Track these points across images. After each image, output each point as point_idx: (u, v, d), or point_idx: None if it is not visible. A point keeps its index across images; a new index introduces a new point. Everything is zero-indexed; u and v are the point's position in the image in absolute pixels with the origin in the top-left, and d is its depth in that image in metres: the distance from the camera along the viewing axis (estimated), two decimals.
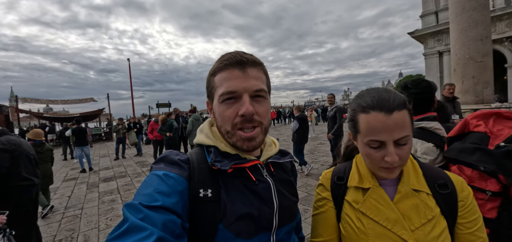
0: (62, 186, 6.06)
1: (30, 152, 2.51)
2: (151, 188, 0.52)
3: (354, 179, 0.75)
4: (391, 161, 0.60)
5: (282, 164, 0.74)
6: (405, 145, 0.62)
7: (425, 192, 0.67)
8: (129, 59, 22.75)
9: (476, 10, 8.24)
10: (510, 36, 11.57)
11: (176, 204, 0.51)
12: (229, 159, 0.61)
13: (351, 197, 0.74)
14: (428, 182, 0.68)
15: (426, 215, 0.64)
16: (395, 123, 0.60)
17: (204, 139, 0.67)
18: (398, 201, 0.67)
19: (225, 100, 0.60)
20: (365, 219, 0.69)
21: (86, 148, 7.56)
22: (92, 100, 20.92)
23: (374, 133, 0.62)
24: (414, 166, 0.71)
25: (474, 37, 8.31)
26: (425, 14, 14.63)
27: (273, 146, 0.74)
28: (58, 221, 3.94)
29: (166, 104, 21.85)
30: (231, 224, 0.56)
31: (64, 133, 10.17)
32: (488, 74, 8.47)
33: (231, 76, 0.60)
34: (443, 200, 0.66)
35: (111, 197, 4.95)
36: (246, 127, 0.60)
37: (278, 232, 0.63)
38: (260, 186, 0.62)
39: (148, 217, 0.46)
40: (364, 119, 0.64)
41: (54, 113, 22.67)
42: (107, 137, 18.28)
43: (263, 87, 0.62)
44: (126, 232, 0.43)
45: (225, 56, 0.62)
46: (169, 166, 0.58)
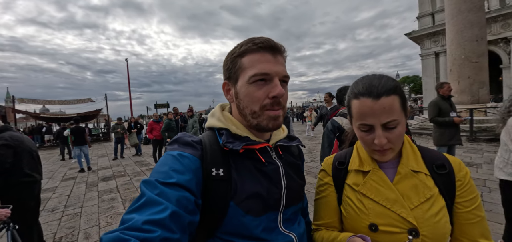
0: (61, 185, 6.03)
1: (32, 148, 2.53)
2: (167, 167, 0.55)
3: (355, 163, 0.78)
4: (379, 143, 0.64)
5: (290, 148, 0.78)
6: (394, 129, 0.65)
7: (424, 173, 0.69)
8: (126, 60, 22.67)
9: (471, 12, 8.38)
10: (505, 37, 11.74)
11: (189, 181, 0.54)
12: (240, 140, 0.64)
13: (352, 180, 0.77)
14: (426, 164, 0.71)
15: (424, 193, 0.67)
16: (382, 108, 0.63)
17: (216, 122, 0.70)
18: (398, 182, 0.70)
19: (256, 81, 0.62)
20: (365, 200, 0.72)
21: (85, 148, 7.54)
22: (90, 100, 20.82)
23: (363, 117, 0.66)
24: (413, 149, 0.74)
25: (469, 38, 8.44)
26: (421, 15, 14.79)
27: (282, 131, 0.77)
28: (58, 219, 3.94)
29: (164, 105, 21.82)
30: (241, 201, 0.59)
31: (61, 133, 10.12)
32: (484, 74, 8.61)
33: (264, 59, 0.62)
34: (441, 180, 0.68)
35: (111, 195, 4.95)
36: (274, 108, 0.63)
37: (285, 212, 0.67)
38: (269, 167, 0.66)
39: (163, 192, 0.49)
40: (355, 105, 0.68)
41: (51, 114, 22.52)
42: (105, 137, 18.21)
43: (288, 74, 0.67)
44: (143, 205, 0.47)
45: (257, 39, 0.64)
46: (183, 147, 0.61)
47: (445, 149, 3.88)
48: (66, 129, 9.80)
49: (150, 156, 8.79)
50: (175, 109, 8.87)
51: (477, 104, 8.40)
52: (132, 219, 0.44)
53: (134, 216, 0.45)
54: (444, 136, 3.84)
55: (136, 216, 0.45)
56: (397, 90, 0.65)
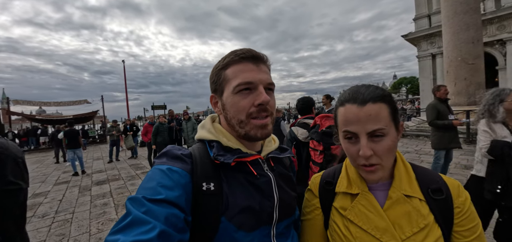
0: (54, 190, 5.92)
1: (18, 155, 2.44)
2: (154, 182, 0.52)
3: (343, 184, 0.71)
4: (363, 154, 0.58)
5: (281, 159, 0.76)
6: (382, 139, 0.59)
7: (418, 198, 0.62)
8: (123, 61, 22.54)
9: (467, 14, 8.40)
10: (501, 39, 11.81)
11: (179, 198, 0.52)
12: (231, 153, 0.63)
13: (339, 203, 0.70)
14: (421, 187, 0.64)
15: (418, 223, 0.59)
16: (367, 115, 0.58)
17: (206, 134, 0.68)
18: (389, 208, 0.63)
19: (241, 91, 0.62)
20: (352, 227, 0.65)
21: (79, 151, 7.43)
22: (86, 102, 20.66)
23: (347, 124, 0.62)
24: (406, 169, 0.66)
25: (465, 39, 8.47)
26: (418, 17, 14.85)
27: (273, 142, 0.76)
28: (48, 225, 3.84)
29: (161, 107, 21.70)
30: (233, 217, 0.57)
31: (56, 135, 9.99)
32: (480, 76, 8.63)
33: (247, 69, 0.63)
34: (437, 206, 0.61)
35: (104, 200, 4.85)
36: (260, 116, 0.63)
37: (278, 226, 0.65)
38: (261, 180, 0.64)
39: (151, 210, 0.47)
40: (341, 112, 0.64)
41: (47, 116, 22.28)
42: (101, 139, 18.04)
43: (273, 82, 0.67)
44: (129, 225, 0.44)
45: (238, 51, 0.65)
46: (172, 160, 0.59)
47: (444, 153, 3.85)
48: (60, 131, 9.68)
49: (145, 159, 8.70)
50: (170, 111, 8.77)
51: (474, 106, 8.40)
52: (117, 240, 0.42)
53: (119, 237, 0.42)
54: (443, 139, 3.80)
55: (121, 237, 0.42)
56: (385, 99, 0.61)
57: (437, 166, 3.88)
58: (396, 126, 0.62)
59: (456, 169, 5.00)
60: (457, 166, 5.22)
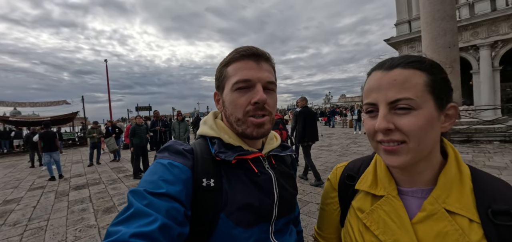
0: (27, 196, 5.56)
1: None
2: (156, 176, 0.53)
3: (366, 181, 0.60)
4: (378, 127, 0.47)
5: (283, 157, 0.76)
6: (408, 111, 0.45)
7: (468, 218, 0.46)
8: (106, 60, 21.78)
9: (444, 20, 8.84)
10: (474, 45, 12.53)
11: (179, 192, 0.53)
12: (232, 150, 0.63)
13: (358, 203, 0.60)
14: (478, 204, 0.47)
15: None
16: (392, 80, 0.46)
17: (208, 130, 0.68)
18: (419, 222, 0.49)
19: (239, 89, 0.62)
20: (367, 235, 0.54)
21: (56, 154, 7.04)
22: (65, 102, 19.71)
23: (368, 94, 0.50)
24: (461, 175, 0.49)
25: (443, 44, 8.90)
26: (399, 22, 15.47)
27: (274, 140, 0.76)
28: (20, 234, 3.59)
29: (146, 108, 21.12)
30: (232, 213, 0.58)
31: (31, 138, 9.43)
32: (456, 79, 9.09)
33: (246, 67, 0.62)
34: (499, 236, 0.43)
35: (82, 206, 4.61)
36: (257, 114, 0.62)
37: (277, 223, 0.65)
38: (261, 177, 0.64)
39: (152, 203, 0.47)
40: (367, 82, 0.53)
41: (21, 117, 20.99)
42: (81, 142, 17.25)
43: (274, 80, 0.66)
44: (131, 217, 0.44)
45: (240, 48, 0.64)
46: (174, 155, 0.59)
47: None
48: (35, 133, 9.14)
49: (128, 162, 8.38)
50: (155, 112, 8.53)
51: None
52: (119, 232, 0.41)
53: (120, 228, 0.42)
54: None
55: (123, 228, 0.42)
56: (424, 66, 0.47)
57: None
58: (438, 104, 0.47)
59: None
60: None
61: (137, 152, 6.51)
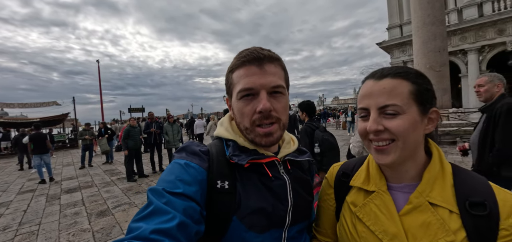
0: (17, 200, 5.41)
1: None
2: (173, 176, 0.55)
3: (359, 178, 0.66)
4: (369, 128, 0.53)
5: (299, 162, 0.74)
6: (395, 116, 0.52)
7: (448, 209, 0.51)
8: (98, 61, 21.41)
9: (434, 25, 9.09)
10: (463, 49, 12.90)
11: (195, 193, 0.54)
12: (246, 153, 0.63)
13: (352, 198, 0.66)
14: (458, 196, 0.52)
15: (437, 237, 0.50)
16: (382, 88, 0.54)
17: (224, 132, 0.69)
18: (406, 214, 0.54)
19: (244, 97, 0.61)
20: (360, 226, 0.60)
21: (46, 156, 6.88)
22: (55, 104, 19.27)
23: (361, 100, 0.58)
24: (443, 172, 0.56)
25: (433, 49, 9.14)
26: (391, 27, 15.79)
27: (291, 144, 0.74)
28: (11, 239, 3.50)
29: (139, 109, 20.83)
30: (244, 217, 0.58)
31: (20, 139, 9.18)
32: (446, 82, 9.35)
33: (249, 73, 0.60)
34: (474, 224, 0.49)
35: (75, 209, 4.53)
36: (264, 123, 0.61)
37: (290, 230, 0.64)
38: (275, 182, 0.63)
39: (170, 202, 0.49)
40: (361, 89, 0.60)
41: (10, 118, 20.40)
42: (72, 144, 16.88)
43: (281, 83, 0.63)
44: (151, 214, 0.46)
45: (243, 53, 0.63)
46: (190, 156, 0.61)
47: None
48: (25, 135, 8.91)
49: (121, 164, 8.26)
50: (150, 114, 8.44)
51: (441, 109, 9.08)
52: (140, 228, 0.43)
53: (141, 224, 0.44)
54: None
55: (144, 225, 0.44)
56: (410, 76, 0.54)
57: None
58: (421, 109, 0.54)
59: None
60: None
61: (130, 154, 6.43)
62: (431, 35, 9.10)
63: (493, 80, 2.26)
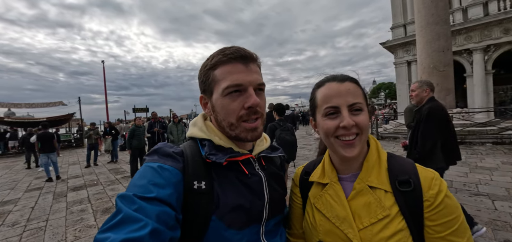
0: (24, 197, 5.55)
1: None
2: (145, 180, 0.52)
3: (316, 174, 0.74)
4: (347, 123, 0.60)
5: (272, 158, 0.76)
6: (360, 112, 0.62)
7: (383, 189, 0.61)
8: (103, 61, 21.69)
9: (438, 24, 9.02)
10: (468, 49, 12.76)
11: (170, 196, 0.52)
12: (223, 152, 0.63)
13: (312, 192, 0.73)
14: (390, 178, 0.62)
15: (376, 214, 0.59)
16: (347, 89, 0.62)
17: (198, 132, 0.68)
18: (352, 198, 0.64)
19: (230, 93, 0.61)
20: (318, 215, 0.68)
21: (53, 155, 7.02)
22: (61, 104, 19.54)
23: (329, 99, 0.64)
24: (379, 160, 0.66)
25: (437, 48, 9.08)
26: (394, 26, 15.69)
27: (264, 141, 0.76)
28: (19, 235, 3.60)
29: (143, 109, 21.03)
30: (223, 215, 0.58)
31: (27, 139, 9.37)
32: (450, 82, 9.27)
33: (236, 70, 0.61)
34: (404, 199, 0.59)
35: (81, 206, 4.63)
36: (251, 118, 0.62)
37: (268, 224, 0.66)
38: (252, 179, 0.65)
39: (142, 208, 0.46)
40: (321, 91, 0.67)
41: (17, 118, 20.77)
42: (78, 144, 17.14)
43: (263, 81, 0.66)
44: (120, 223, 0.43)
45: (227, 50, 0.63)
46: (164, 158, 0.58)
47: None
48: (32, 134, 9.10)
49: (126, 163, 8.39)
50: (154, 114, 8.55)
51: None
52: (108, 238, 0.41)
53: (109, 235, 0.41)
54: None
55: (112, 235, 0.41)
56: (358, 83, 0.66)
57: None
58: (367, 108, 0.66)
59: None
60: None
61: (134, 153, 6.53)
62: (435, 34, 9.03)
63: (422, 86, 2.67)
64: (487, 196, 3.68)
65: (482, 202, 3.49)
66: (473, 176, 4.68)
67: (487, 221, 2.93)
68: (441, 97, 9.11)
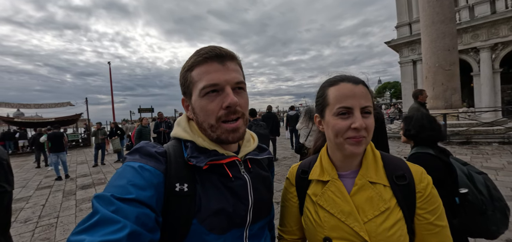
0: (36, 195, 5.72)
1: (2, 157, 2.41)
2: (125, 180, 0.49)
3: (316, 172, 0.76)
4: (359, 125, 0.62)
5: (259, 160, 0.74)
6: (369, 115, 0.65)
7: (382, 184, 0.67)
8: (109, 62, 22.03)
9: (443, 23, 8.94)
10: (475, 47, 12.60)
11: (150, 198, 0.50)
12: (206, 155, 0.61)
13: (312, 190, 0.75)
14: (387, 174, 0.68)
15: (379, 207, 0.64)
16: (361, 92, 0.65)
17: (182, 132, 0.65)
18: (354, 193, 0.68)
19: (208, 94, 0.59)
20: (321, 212, 0.70)
21: (62, 154, 7.21)
22: (69, 104, 19.95)
23: (344, 100, 0.65)
24: (375, 158, 0.71)
25: (442, 47, 8.99)
26: (400, 25, 15.56)
27: (252, 141, 0.74)
28: (32, 230, 3.74)
29: (149, 109, 21.28)
30: (205, 219, 0.56)
31: (37, 138, 9.62)
32: (456, 81, 9.18)
33: (211, 69, 0.59)
34: (401, 192, 0.66)
35: (89, 204, 4.74)
36: (230, 119, 0.60)
37: (252, 228, 0.65)
38: (236, 182, 0.62)
39: (120, 209, 0.44)
40: (334, 90, 0.68)
41: (26, 118, 21.26)
42: (85, 143, 17.46)
43: (243, 80, 0.64)
44: (96, 225, 0.41)
45: (202, 50, 0.61)
46: (145, 158, 0.56)
47: None
48: (42, 134, 9.33)
49: None
50: (160, 114, 8.68)
51: (450, 109, 8.92)
52: (82, 241, 0.39)
53: (84, 237, 0.39)
54: None
55: (87, 237, 0.39)
56: (369, 87, 0.70)
57: None
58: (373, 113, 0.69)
59: None
60: None
61: None
62: (440, 33, 8.95)
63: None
64: None
65: None
66: None
67: None
68: (447, 97, 9.04)
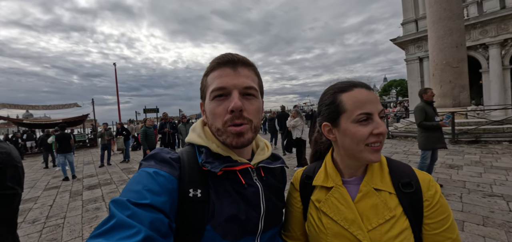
0: (43, 195, 5.82)
1: (17, 160, 2.44)
2: (140, 185, 0.51)
3: (320, 178, 0.75)
4: (383, 130, 0.61)
5: (272, 169, 0.74)
6: (383, 119, 0.65)
7: (388, 191, 0.65)
8: (115, 63, 22.27)
9: (451, 19, 8.75)
10: (484, 43, 12.31)
11: (164, 203, 0.51)
12: (220, 160, 0.61)
13: (316, 196, 0.74)
14: (393, 181, 0.66)
15: (384, 215, 0.62)
16: (375, 97, 0.65)
17: (196, 138, 0.67)
18: (359, 201, 0.66)
19: (216, 97, 0.61)
20: (325, 218, 0.69)
21: (70, 155, 7.32)
22: (76, 105, 20.26)
23: (363, 106, 0.63)
24: (381, 164, 0.69)
25: (450, 44, 8.81)
26: (405, 22, 15.31)
27: (266, 150, 0.74)
28: (39, 231, 3.80)
29: (154, 110, 21.47)
30: (218, 225, 0.56)
31: (45, 139, 9.79)
32: (464, 79, 8.99)
33: (222, 74, 0.61)
34: (407, 200, 0.63)
35: (96, 204, 4.82)
36: (235, 124, 0.60)
37: (263, 236, 0.65)
38: (249, 189, 0.63)
39: (135, 214, 0.45)
40: (349, 96, 0.65)
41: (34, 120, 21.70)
42: (92, 144, 17.71)
43: (253, 85, 0.63)
44: (112, 229, 0.42)
45: (218, 56, 0.64)
46: (160, 164, 0.57)
47: (430, 153, 4.03)
48: (50, 135, 9.50)
49: (137, 163, 8.62)
50: (164, 115, 8.75)
51: (458, 107, 8.74)
52: None
53: (100, 241, 0.41)
54: (429, 140, 3.99)
55: (103, 241, 0.41)
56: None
57: (423, 166, 4.06)
58: None
59: (441, 168, 5.20)
60: (442, 165, 5.42)
61: (145, 152, 6.79)
62: (448, 30, 8.77)
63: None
64: (501, 197, 3.57)
65: (496, 203, 3.39)
66: (488, 176, 4.54)
67: (501, 223, 2.85)
68: (454, 95, 8.86)
